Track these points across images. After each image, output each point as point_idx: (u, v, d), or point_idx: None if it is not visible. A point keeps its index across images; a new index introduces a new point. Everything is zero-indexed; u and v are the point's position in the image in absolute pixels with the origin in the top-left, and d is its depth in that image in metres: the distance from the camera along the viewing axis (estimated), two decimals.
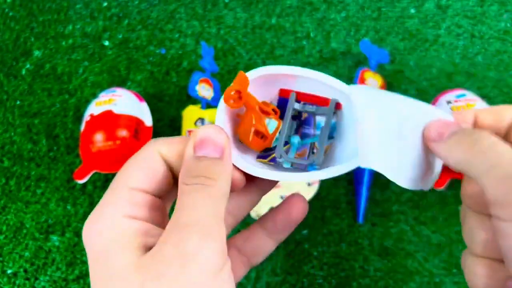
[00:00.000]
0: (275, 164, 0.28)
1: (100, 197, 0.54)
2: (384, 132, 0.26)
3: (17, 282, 0.50)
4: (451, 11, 0.63)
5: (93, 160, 0.51)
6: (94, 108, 0.52)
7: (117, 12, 0.66)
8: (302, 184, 0.49)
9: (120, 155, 0.51)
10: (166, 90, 0.60)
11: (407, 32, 0.62)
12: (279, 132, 0.28)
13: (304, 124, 0.29)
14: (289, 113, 0.28)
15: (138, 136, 0.52)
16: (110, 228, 0.21)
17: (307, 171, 0.27)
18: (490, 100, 0.56)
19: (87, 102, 0.59)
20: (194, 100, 0.59)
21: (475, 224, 0.24)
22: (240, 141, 0.28)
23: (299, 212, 0.27)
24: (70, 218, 0.53)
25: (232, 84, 0.29)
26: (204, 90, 0.55)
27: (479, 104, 0.50)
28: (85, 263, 0.50)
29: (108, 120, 0.51)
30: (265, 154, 0.29)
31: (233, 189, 0.24)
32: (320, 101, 0.28)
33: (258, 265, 0.40)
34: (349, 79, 0.59)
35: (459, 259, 0.47)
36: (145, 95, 0.59)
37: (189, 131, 0.53)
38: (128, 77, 0.61)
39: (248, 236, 0.28)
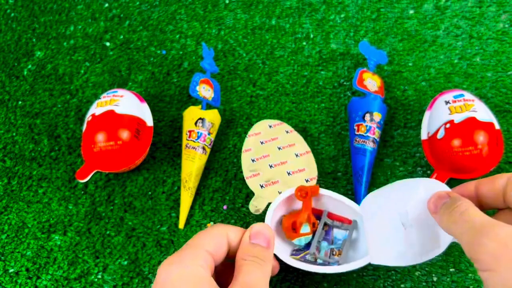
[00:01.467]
0: (304, 259, 0.43)
1: (101, 196, 0.54)
2: (386, 228, 0.38)
3: (19, 281, 0.50)
4: (449, 12, 0.63)
5: (94, 160, 0.51)
6: (96, 109, 0.53)
7: (118, 13, 0.66)
8: (301, 181, 0.50)
9: (121, 155, 0.51)
10: (167, 91, 0.60)
11: (406, 33, 0.62)
12: (313, 236, 0.44)
13: (325, 235, 0.46)
14: (321, 225, 0.45)
15: (139, 136, 0.52)
16: (190, 274, 0.29)
17: (330, 265, 0.42)
18: (488, 100, 0.56)
19: (89, 102, 0.59)
20: (195, 100, 0.59)
21: None
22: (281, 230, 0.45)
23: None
24: (72, 217, 0.53)
25: (308, 186, 0.44)
26: (205, 90, 0.55)
27: (477, 104, 0.50)
28: (86, 262, 0.51)
29: (110, 120, 0.51)
30: (297, 253, 0.44)
31: (272, 273, 0.37)
32: (343, 220, 0.46)
33: None
34: (348, 80, 0.60)
35: (457, 258, 0.48)
36: (146, 96, 0.59)
37: (190, 131, 0.53)
38: (129, 78, 0.61)
39: None
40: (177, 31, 0.65)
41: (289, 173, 0.50)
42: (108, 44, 0.64)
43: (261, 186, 0.49)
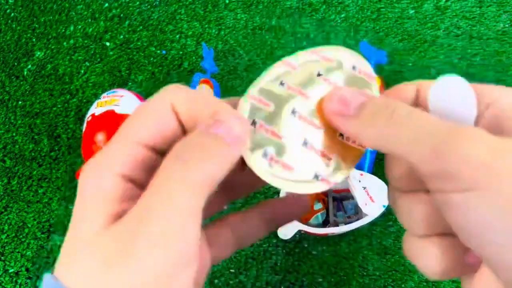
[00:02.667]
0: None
1: None
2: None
3: (19, 281, 0.50)
4: (449, 12, 0.63)
5: None
6: (96, 109, 0.53)
7: (118, 13, 0.66)
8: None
9: None
10: None
11: (406, 33, 0.62)
12: (327, 213, 0.52)
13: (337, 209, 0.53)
14: (331, 200, 0.52)
15: None
16: (98, 186, 0.19)
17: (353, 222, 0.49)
18: None
19: (88, 102, 0.59)
20: None
21: (410, 204, 0.21)
22: None
23: (299, 211, 0.27)
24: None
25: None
26: (205, 90, 0.55)
27: None
28: None
29: (110, 120, 0.51)
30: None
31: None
32: (347, 190, 0.51)
33: (258, 263, 0.40)
34: None
35: None
36: (146, 96, 0.59)
37: None
38: (129, 78, 0.61)
39: (244, 218, 0.26)
40: (177, 31, 0.65)
41: None
42: (108, 44, 0.64)
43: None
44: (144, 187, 0.18)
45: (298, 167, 0.21)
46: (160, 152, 0.20)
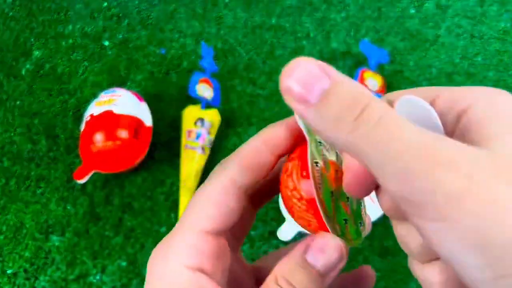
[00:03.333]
0: None
1: (99, 197, 0.54)
2: None
3: (17, 282, 0.50)
4: (451, 11, 0.63)
5: (93, 160, 0.51)
6: (94, 108, 0.52)
7: (117, 12, 0.66)
8: None
9: (120, 155, 0.51)
10: (166, 90, 0.60)
11: (407, 32, 0.62)
12: None
13: None
14: None
15: (138, 136, 0.52)
16: (171, 277, 0.18)
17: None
18: None
19: (87, 102, 0.59)
20: (194, 100, 0.59)
21: (403, 232, 0.19)
22: None
23: (367, 284, 0.25)
24: (70, 218, 0.53)
25: None
26: (204, 90, 0.55)
27: None
28: (85, 263, 0.50)
29: (108, 120, 0.51)
30: None
31: None
32: None
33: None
34: None
35: None
36: (145, 95, 0.59)
37: (189, 131, 0.53)
38: (128, 77, 0.61)
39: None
40: (176, 30, 0.64)
41: None
42: (106, 43, 0.64)
43: None
44: (210, 273, 0.19)
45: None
46: (222, 233, 0.20)
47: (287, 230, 0.48)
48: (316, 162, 0.19)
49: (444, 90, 0.17)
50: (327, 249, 0.19)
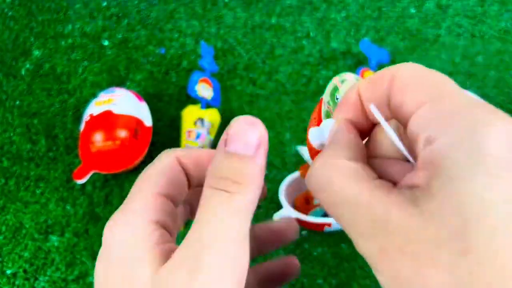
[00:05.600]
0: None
1: (99, 197, 0.54)
2: None
3: (17, 282, 0.50)
4: (451, 11, 0.63)
5: (92, 160, 0.51)
6: (94, 108, 0.52)
7: (116, 12, 0.66)
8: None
9: (119, 155, 0.50)
10: (165, 90, 0.60)
11: (408, 32, 0.62)
12: None
13: None
14: None
15: (138, 136, 0.52)
16: (135, 233, 0.20)
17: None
18: (491, 99, 0.56)
19: (87, 102, 0.59)
20: (194, 100, 0.59)
21: None
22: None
23: (291, 275, 0.27)
24: (70, 218, 0.53)
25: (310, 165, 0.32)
26: (204, 89, 0.55)
27: None
28: (84, 263, 0.50)
29: (108, 120, 0.51)
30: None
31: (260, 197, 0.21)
32: None
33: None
34: None
35: None
36: (144, 95, 0.59)
37: (189, 131, 0.53)
38: (128, 77, 0.61)
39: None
40: (176, 30, 0.64)
41: None
42: (106, 43, 0.64)
43: None
44: (170, 230, 0.20)
45: None
46: (173, 200, 0.22)
47: (284, 215, 0.49)
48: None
49: (430, 102, 0.17)
50: (242, 134, 0.20)
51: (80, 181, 0.51)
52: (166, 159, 0.22)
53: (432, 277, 0.14)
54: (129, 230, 0.20)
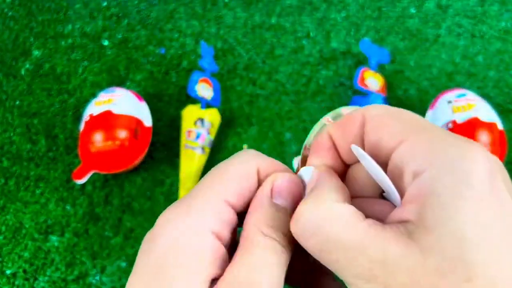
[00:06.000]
0: None
1: (99, 197, 0.54)
2: None
3: (16, 282, 0.50)
4: (451, 11, 0.63)
5: (92, 160, 0.51)
6: (94, 108, 0.52)
7: (116, 12, 0.66)
8: None
9: (119, 155, 0.50)
10: (165, 90, 0.60)
11: (408, 32, 0.62)
12: None
13: None
14: None
15: (138, 136, 0.52)
16: (192, 238, 0.17)
17: None
18: (491, 99, 0.56)
19: (87, 102, 0.59)
20: (194, 99, 0.59)
21: None
22: None
23: None
24: (70, 218, 0.53)
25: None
26: (204, 89, 0.54)
27: (479, 103, 0.49)
28: (84, 263, 0.50)
29: (108, 120, 0.50)
30: None
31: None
32: None
33: None
34: (349, 79, 0.59)
35: None
36: (144, 95, 0.59)
37: (189, 131, 0.53)
38: (128, 77, 0.61)
39: None
40: (176, 30, 0.64)
41: None
42: (106, 43, 0.64)
43: None
44: (226, 246, 0.18)
45: None
46: (237, 211, 0.20)
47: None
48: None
49: (409, 138, 0.17)
50: (286, 187, 0.20)
51: (80, 181, 0.51)
52: (248, 165, 0.20)
53: None
54: (186, 233, 0.18)
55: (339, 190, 0.18)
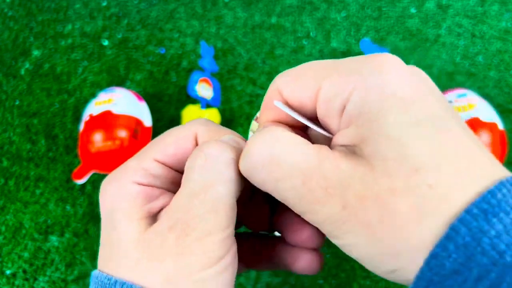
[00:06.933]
0: None
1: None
2: None
3: (16, 282, 0.50)
4: (451, 11, 0.63)
5: (92, 160, 0.51)
6: (93, 108, 0.52)
7: (116, 12, 0.66)
8: None
9: (119, 155, 0.50)
10: (165, 90, 0.60)
11: (408, 32, 0.62)
12: None
13: None
14: None
15: (137, 136, 0.52)
16: (117, 192, 0.21)
17: None
18: (491, 99, 0.56)
19: (86, 102, 0.59)
20: (194, 100, 0.59)
21: None
22: None
23: (303, 269, 0.23)
24: (70, 218, 0.52)
25: None
26: (204, 89, 0.54)
27: (480, 103, 0.49)
28: (84, 263, 0.50)
29: (107, 120, 0.50)
30: None
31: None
32: None
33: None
34: None
35: None
36: (144, 95, 0.59)
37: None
38: (128, 77, 0.61)
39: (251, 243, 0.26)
40: (176, 30, 0.64)
41: None
42: (106, 43, 0.64)
43: None
44: (157, 193, 0.21)
45: None
46: (177, 169, 0.22)
47: None
48: None
49: (327, 78, 0.19)
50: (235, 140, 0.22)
51: (80, 181, 0.51)
52: (185, 129, 0.22)
53: (398, 206, 0.15)
54: (113, 190, 0.21)
55: (283, 127, 0.20)
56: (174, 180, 0.22)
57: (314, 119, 0.20)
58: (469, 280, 0.14)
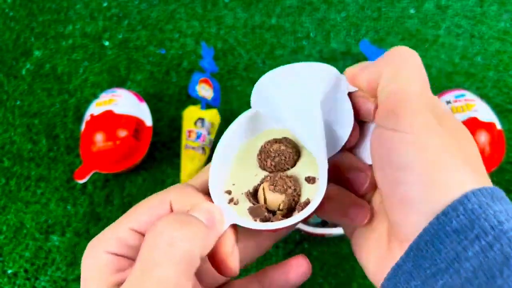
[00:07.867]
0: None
1: (100, 197, 0.54)
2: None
3: (17, 282, 0.50)
4: (450, 11, 0.63)
5: (93, 160, 0.51)
6: (94, 108, 0.52)
7: (117, 12, 0.66)
8: None
9: (120, 155, 0.51)
10: (166, 90, 0.60)
11: (407, 32, 0.62)
12: None
13: None
14: None
15: (138, 136, 0.52)
16: (91, 262, 0.22)
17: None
18: (490, 99, 0.56)
19: (87, 102, 0.59)
20: (194, 100, 0.59)
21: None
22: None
23: (298, 276, 0.26)
24: (70, 218, 0.53)
25: None
26: (204, 90, 0.55)
27: (478, 104, 0.50)
28: None
29: (108, 120, 0.51)
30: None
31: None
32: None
33: (258, 264, 0.40)
34: None
35: None
36: (145, 95, 0.59)
37: (189, 131, 0.53)
38: (128, 77, 0.61)
39: (245, 286, 0.27)
40: (176, 30, 0.64)
41: None
42: (106, 43, 0.64)
43: None
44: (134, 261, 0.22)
45: None
46: None
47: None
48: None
49: (363, 69, 0.24)
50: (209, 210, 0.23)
51: (81, 181, 0.51)
52: (158, 200, 0.24)
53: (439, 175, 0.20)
54: (90, 260, 0.22)
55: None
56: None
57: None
58: (468, 237, 0.18)
